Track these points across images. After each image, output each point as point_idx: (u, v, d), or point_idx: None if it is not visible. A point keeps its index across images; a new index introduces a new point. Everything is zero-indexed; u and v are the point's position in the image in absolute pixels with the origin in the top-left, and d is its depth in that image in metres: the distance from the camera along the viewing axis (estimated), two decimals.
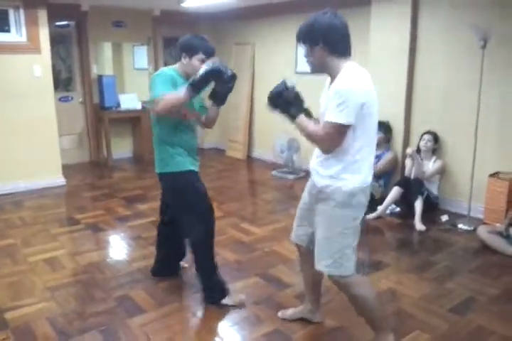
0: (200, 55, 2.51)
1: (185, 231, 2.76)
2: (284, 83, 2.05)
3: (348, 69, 1.95)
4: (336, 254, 2.07)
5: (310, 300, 2.52)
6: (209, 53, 2.53)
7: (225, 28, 7.06)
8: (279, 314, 2.62)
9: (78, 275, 3.12)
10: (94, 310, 2.67)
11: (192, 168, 2.63)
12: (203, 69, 2.32)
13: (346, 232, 2.06)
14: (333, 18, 1.95)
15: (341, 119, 1.89)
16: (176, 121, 2.54)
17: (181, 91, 2.33)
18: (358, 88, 1.90)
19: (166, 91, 2.35)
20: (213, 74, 2.33)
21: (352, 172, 2.01)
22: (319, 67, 2.02)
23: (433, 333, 2.46)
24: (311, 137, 2.00)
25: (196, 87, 2.32)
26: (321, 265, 2.12)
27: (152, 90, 2.41)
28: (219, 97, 2.59)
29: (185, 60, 2.54)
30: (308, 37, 1.98)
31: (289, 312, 2.60)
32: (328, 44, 1.94)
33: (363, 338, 2.42)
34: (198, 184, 2.66)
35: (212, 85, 2.49)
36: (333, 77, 2.00)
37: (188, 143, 2.63)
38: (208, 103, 2.70)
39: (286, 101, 2.02)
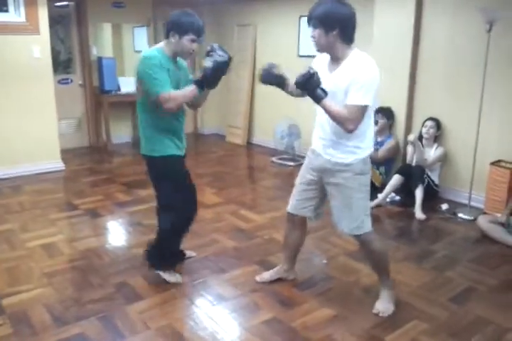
0: (191, 36, 2.45)
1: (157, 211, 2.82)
2: (310, 69, 2.18)
3: (359, 55, 2.21)
4: (360, 217, 2.40)
5: (288, 260, 2.83)
6: (199, 33, 2.48)
7: (226, 9, 6.92)
8: (257, 279, 2.86)
9: (76, 262, 3.11)
10: (91, 297, 2.66)
11: (177, 152, 2.64)
12: (210, 64, 2.34)
13: (364, 196, 2.41)
14: (349, 8, 2.18)
15: (366, 101, 2.16)
16: None
17: (189, 90, 2.42)
18: (376, 73, 2.18)
19: (168, 85, 2.37)
20: (220, 67, 2.37)
21: (363, 143, 2.32)
22: (327, 50, 2.25)
23: (432, 323, 2.45)
24: (336, 118, 2.20)
25: (204, 84, 2.41)
26: (346, 228, 2.44)
27: (150, 81, 2.38)
28: (212, 81, 2.46)
29: (174, 39, 2.46)
30: (324, 22, 2.16)
31: (266, 276, 2.86)
32: (343, 32, 2.17)
33: (362, 326, 2.42)
34: (178, 170, 2.70)
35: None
36: (337, 60, 2.25)
37: (174, 127, 2.62)
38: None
39: (314, 85, 2.18)
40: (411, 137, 4.14)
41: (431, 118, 4.28)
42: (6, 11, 4.74)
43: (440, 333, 2.37)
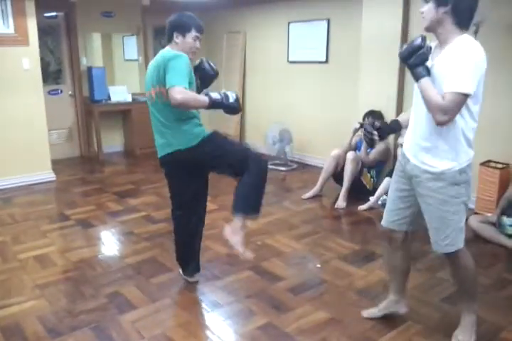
0: (194, 33, 2.50)
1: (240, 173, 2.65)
2: (424, 39, 1.94)
3: (468, 39, 1.94)
4: (454, 232, 2.09)
5: (397, 290, 2.45)
6: (201, 30, 2.55)
7: (216, 17, 6.96)
8: (365, 314, 2.52)
9: (68, 272, 3.09)
10: (85, 307, 2.64)
11: (207, 131, 2.58)
12: (234, 97, 2.48)
13: (459, 209, 2.07)
14: None
15: (466, 89, 1.86)
16: None
17: (202, 100, 2.38)
18: (482, 59, 1.91)
19: (185, 83, 2.31)
20: (232, 108, 2.52)
21: (461, 147, 2.01)
22: (434, 28, 1.98)
23: (425, 323, 2.46)
24: (429, 103, 1.91)
25: (215, 106, 2.43)
26: (439, 245, 2.15)
27: (173, 75, 2.30)
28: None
29: (178, 39, 2.49)
30: None
31: (374, 311, 2.51)
32: (456, 11, 1.90)
33: (357, 328, 2.43)
34: (221, 138, 2.67)
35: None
36: (442, 45, 1.99)
37: (196, 113, 2.59)
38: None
39: (418, 60, 1.93)
40: (401, 140, 4.16)
41: None
42: None
43: (434, 334, 2.38)
